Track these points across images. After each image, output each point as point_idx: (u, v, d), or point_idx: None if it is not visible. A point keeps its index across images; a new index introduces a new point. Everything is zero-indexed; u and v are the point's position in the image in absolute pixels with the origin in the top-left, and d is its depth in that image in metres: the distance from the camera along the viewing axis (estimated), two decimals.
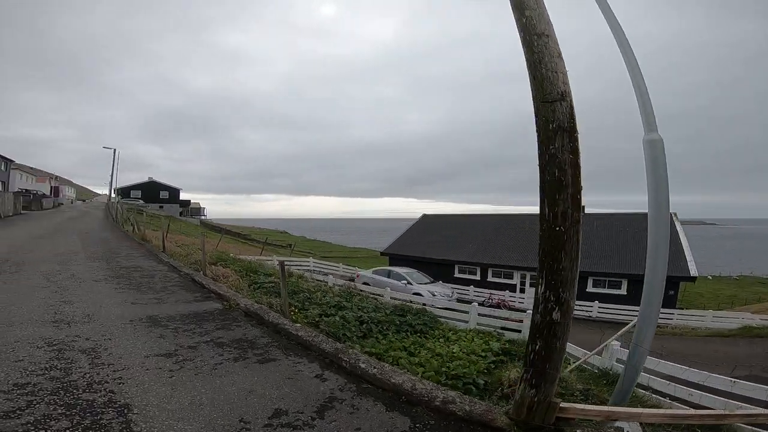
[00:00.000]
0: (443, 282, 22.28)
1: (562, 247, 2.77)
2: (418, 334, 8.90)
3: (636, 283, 22.08)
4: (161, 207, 62.97)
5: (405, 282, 20.14)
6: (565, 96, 2.63)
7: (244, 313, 6.33)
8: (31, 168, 70.46)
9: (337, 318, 8.07)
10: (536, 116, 2.70)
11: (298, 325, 5.82)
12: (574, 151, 2.63)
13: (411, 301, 14.08)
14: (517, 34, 2.84)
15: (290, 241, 70.68)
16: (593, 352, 6.73)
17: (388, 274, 21.14)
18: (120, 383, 3.51)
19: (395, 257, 28.93)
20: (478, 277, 25.84)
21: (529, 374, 2.78)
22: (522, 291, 24.58)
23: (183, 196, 70.52)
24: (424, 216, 33.47)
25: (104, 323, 5.19)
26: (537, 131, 2.70)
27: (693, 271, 21.19)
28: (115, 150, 39.47)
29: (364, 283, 21.13)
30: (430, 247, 28.35)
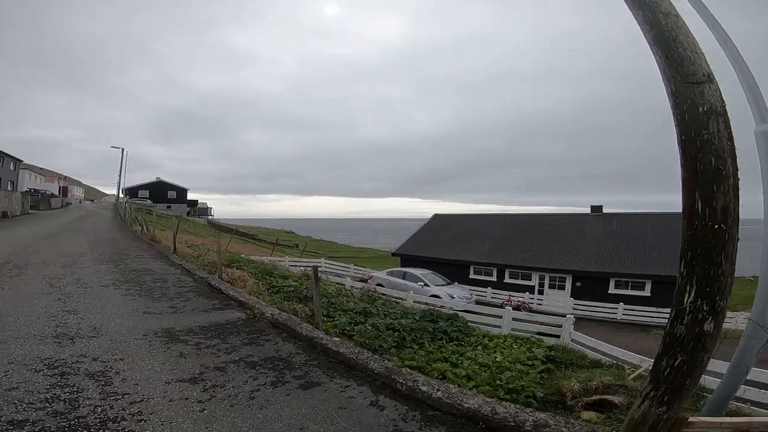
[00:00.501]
0: (459, 283, 21.47)
1: (722, 248, 2.31)
2: (454, 342, 8.16)
3: (660, 284, 21.18)
4: (169, 207, 62.54)
5: (421, 284, 19.36)
6: (711, 78, 2.35)
7: (271, 324, 5.56)
8: (40, 168, 70.29)
9: (369, 327, 7.32)
10: (674, 99, 2.38)
11: (337, 339, 5.05)
12: (731, 138, 2.29)
13: (442, 306, 13.28)
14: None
15: (296, 241, 70.11)
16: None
17: (403, 276, 20.35)
18: (140, 420, 2.79)
19: (407, 258, 28.12)
20: (494, 278, 24.98)
21: (660, 391, 2.43)
22: (540, 292, 23.72)
23: (190, 196, 70.08)
24: (436, 216, 32.64)
25: (114, 338, 4.43)
26: (677, 116, 2.36)
27: None
28: (123, 149, 38.97)
29: (378, 285, 20.35)
30: (443, 248, 27.53)
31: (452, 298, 18.71)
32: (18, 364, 3.60)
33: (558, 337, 10.42)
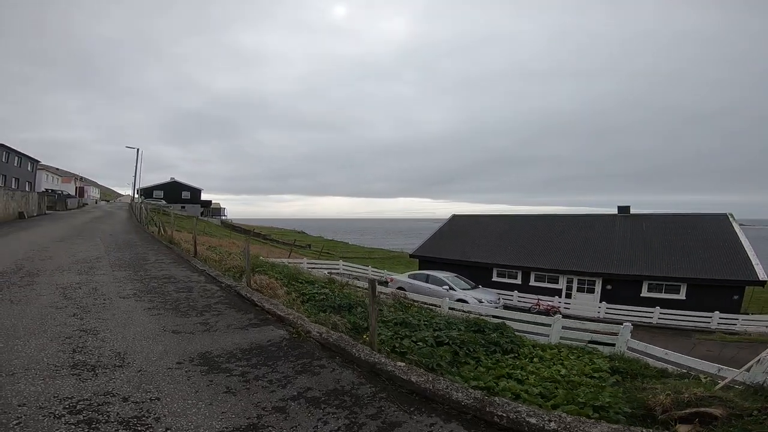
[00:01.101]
0: (483, 287, 20.54)
1: None
2: (510, 355, 7.38)
3: (696, 287, 20.04)
4: (183, 207, 62.42)
5: (446, 287, 18.47)
6: None
7: (320, 345, 4.77)
8: (57, 169, 70.71)
9: (418, 342, 6.52)
10: None
11: (402, 363, 4.23)
12: None
13: (469, 311, 12.44)
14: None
15: (308, 242, 69.52)
16: (744, 367, 5.91)
17: (426, 279, 19.46)
18: None
19: (426, 260, 27.20)
20: (518, 281, 23.95)
21: None
22: (568, 296, 22.71)
23: (203, 196, 69.91)
24: (454, 217, 31.67)
25: (144, 368, 3.66)
26: None
27: (762, 275, 19.02)
28: (138, 150, 38.66)
29: (399, 288, 19.53)
30: (464, 250, 26.56)
31: (480, 302, 17.85)
32: (32, 406, 2.86)
33: (612, 345, 9.61)
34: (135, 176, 40.54)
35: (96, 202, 68.44)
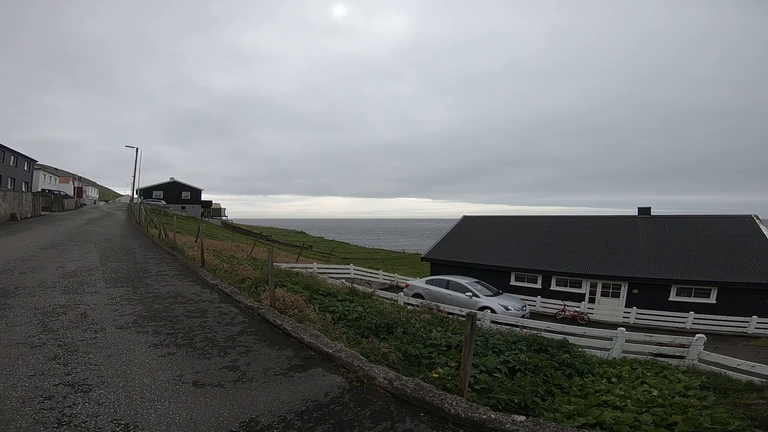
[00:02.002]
0: (506, 293, 19.13)
1: None
2: (588, 377, 6.16)
3: (727, 291, 18.77)
4: (183, 208, 60.74)
5: (469, 294, 17.04)
6: None
7: (394, 398, 3.35)
8: (55, 168, 68.85)
9: (493, 373, 5.18)
10: None
11: (521, 418, 2.79)
12: None
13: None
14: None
15: (309, 242, 67.99)
16: None
17: (447, 285, 18.00)
18: None
19: (438, 263, 25.75)
20: (538, 286, 22.56)
21: None
22: (591, 301, 21.37)
23: (203, 197, 68.19)
24: (465, 218, 30.20)
25: None
26: None
27: None
28: (137, 149, 37.03)
29: (415, 295, 18.13)
30: (478, 252, 25.12)
31: (507, 309, 16.47)
32: None
33: (680, 357, 8.42)
34: (134, 176, 38.93)
35: (95, 203, 66.58)
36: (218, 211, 72.27)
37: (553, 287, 22.30)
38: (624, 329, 9.11)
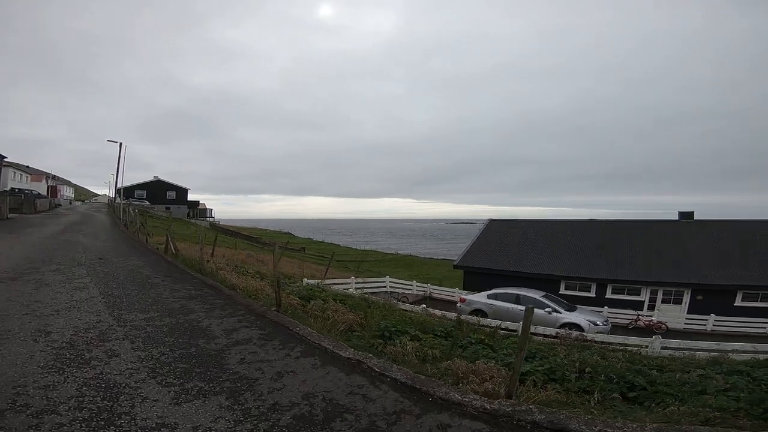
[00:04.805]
0: (578, 305, 16.11)
1: None
2: None
3: None
4: (168, 208, 55.04)
5: (549, 310, 13.84)
6: None
7: None
8: (27, 166, 61.38)
9: None
10: None
11: None
12: None
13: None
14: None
15: (296, 243, 63.29)
16: None
17: (516, 300, 14.66)
18: None
19: (474, 271, 22.40)
20: (592, 294, 19.71)
21: None
22: (651, 308, 18.84)
23: (190, 196, 62.50)
24: (492, 222, 26.88)
25: None
26: None
27: None
28: (120, 144, 31.85)
29: (475, 311, 14.72)
30: (518, 259, 21.94)
31: (595, 325, 13.40)
32: None
33: None
34: (117, 174, 33.62)
35: (70, 203, 59.65)
36: (204, 212, 66.54)
37: (609, 295, 19.60)
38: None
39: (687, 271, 18.97)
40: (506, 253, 22.88)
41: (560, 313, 13.81)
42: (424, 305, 11.71)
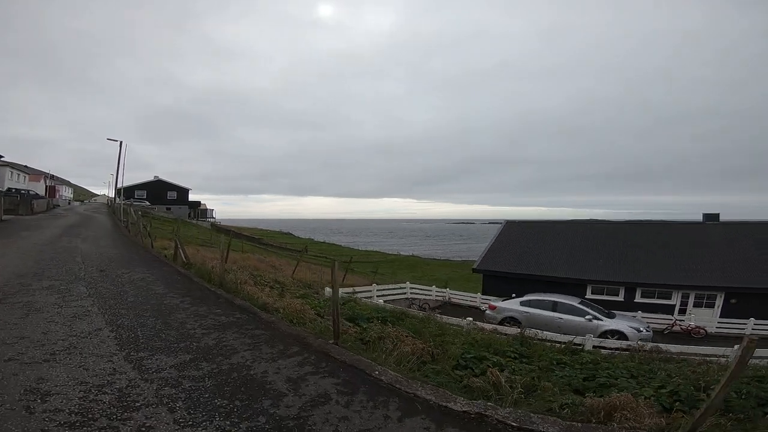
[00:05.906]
0: (617, 312, 15.06)
1: None
2: None
3: None
4: (169, 209, 53.45)
5: (589, 317, 12.69)
6: None
7: None
8: (25, 166, 59.49)
9: None
10: None
11: None
12: None
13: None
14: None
15: (295, 244, 61.74)
16: None
17: (553, 307, 13.46)
18: None
19: (494, 275, 21.18)
20: (620, 299, 18.63)
21: None
22: (682, 312, 17.83)
23: (191, 196, 60.85)
24: (509, 224, 25.68)
25: None
26: None
27: None
28: (121, 143, 30.42)
29: (507, 319, 13.53)
30: (541, 262, 20.74)
31: (639, 332, 12.32)
32: None
33: None
34: (117, 174, 32.18)
35: (69, 203, 57.84)
36: (205, 212, 64.88)
37: (638, 299, 18.56)
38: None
39: (719, 274, 17.97)
40: (526, 256, 21.71)
41: (601, 320, 12.65)
42: (470, 318, 10.41)
